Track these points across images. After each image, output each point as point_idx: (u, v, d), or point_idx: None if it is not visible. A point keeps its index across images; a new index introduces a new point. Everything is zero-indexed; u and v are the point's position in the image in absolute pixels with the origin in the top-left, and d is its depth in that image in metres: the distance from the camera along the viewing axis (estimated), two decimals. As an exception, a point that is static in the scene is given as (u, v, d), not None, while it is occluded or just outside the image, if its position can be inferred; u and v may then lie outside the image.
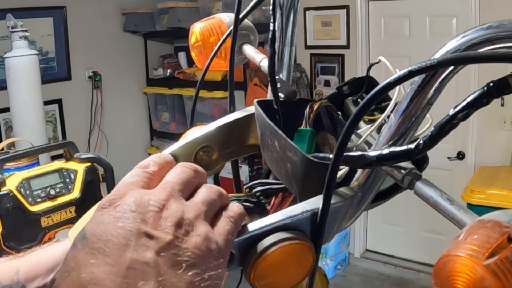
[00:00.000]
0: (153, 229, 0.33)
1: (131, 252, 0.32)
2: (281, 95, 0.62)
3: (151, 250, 0.33)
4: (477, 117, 3.03)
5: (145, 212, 0.34)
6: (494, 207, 2.32)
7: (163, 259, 0.33)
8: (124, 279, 0.31)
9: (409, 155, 0.39)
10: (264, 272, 0.40)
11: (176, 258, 0.33)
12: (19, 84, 2.78)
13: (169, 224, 0.34)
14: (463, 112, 0.37)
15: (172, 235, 0.34)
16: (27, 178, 1.46)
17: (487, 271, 0.29)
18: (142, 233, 0.33)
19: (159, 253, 0.33)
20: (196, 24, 0.78)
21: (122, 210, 0.34)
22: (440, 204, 0.40)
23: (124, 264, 0.32)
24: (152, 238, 0.33)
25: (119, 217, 0.34)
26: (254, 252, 0.40)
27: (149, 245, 0.33)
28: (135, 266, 0.32)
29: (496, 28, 0.38)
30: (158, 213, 0.34)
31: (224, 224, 0.38)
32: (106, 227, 0.33)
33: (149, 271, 0.32)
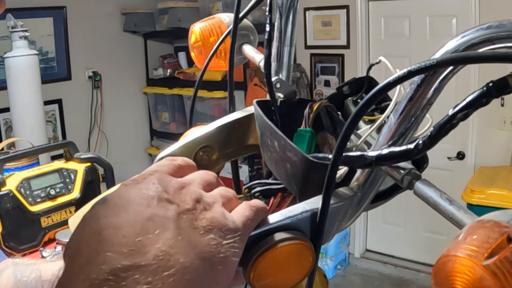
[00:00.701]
0: (173, 198, 0.35)
1: (151, 209, 0.34)
2: (281, 95, 0.62)
3: (171, 211, 0.34)
4: (477, 117, 3.04)
5: (166, 187, 0.36)
6: (494, 207, 2.33)
7: (182, 220, 0.34)
8: (143, 226, 0.33)
9: (408, 155, 0.39)
10: (264, 272, 0.40)
11: (194, 223, 0.34)
12: (19, 84, 2.78)
13: (188, 198, 0.36)
14: (462, 112, 0.37)
15: (191, 206, 0.35)
16: (27, 178, 1.46)
17: (486, 271, 0.29)
18: (164, 198, 0.35)
19: (178, 215, 0.34)
20: (196, 24, 0.78)
21: (145, 183, 0.36)
22: (440, 204, 0.40)
23: (144, 216, 0.33)
24: (172, 203, 0.35)
25: (141, 188, 0.35)
26: (253, 252, 0.40)
27: (170, 208, 0.34)
28: (155, 218, 0.33)
29: (496, 28, 0.38)
30: (178, 190, 0.36)
31: (244, 210, 0.38)
32: (129, 193, 0.35)
33: (169, 224, 0.33)
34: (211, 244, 0.34)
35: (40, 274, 0.53)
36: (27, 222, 1.45)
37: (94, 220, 0.33)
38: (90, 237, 0.33)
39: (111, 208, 0.34)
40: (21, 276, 0.53)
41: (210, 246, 0.34)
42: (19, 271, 0.54)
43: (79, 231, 0.34)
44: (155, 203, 0.34)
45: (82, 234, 0.33)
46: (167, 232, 0.33)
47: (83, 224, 0.34)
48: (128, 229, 0.32)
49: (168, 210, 0.34)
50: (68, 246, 0.34)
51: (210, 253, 0.34)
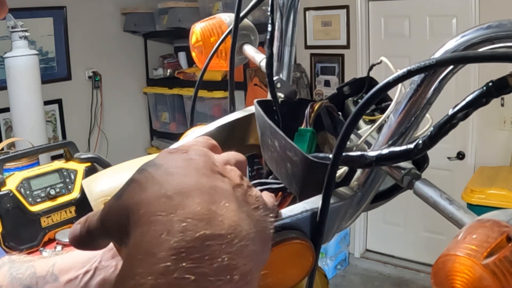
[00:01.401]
0: (223, 171, 0.35)
1: (209, 179, 0.33)
2: (281, 95, 0.62)
3: (227, 183, 0.34)
4: (477, 117, 3.04)
5: (213, 160, 0.36)
6: (494, 207, 2.32)
7: (238, 193, 0.34)
8: (210, 195, 0.32)
9: (408, 155, 0.39)
10: (264, 271, 0.40)
11: (246, 198, 0.35)
12: (19, 84, 2.78)
13: (234, 174, 0.36)
14: (462, 112, 0.37)
15: (239, 181, 0.35)
16: (27, 178, 1.46)
17: (485, 271, 0.29)
18: (216, 171, 0.35)
19: (233, 188, 0.34)
20: (196, 24, 0.78)
21: (191, 154, 0.35)
22: (440, 204, 0.40)
23: (206, 185, 0.33)
24: (225, 176, 0.35)
25: (190, 158, 0.35)
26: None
27: (224, 180, 0.34)
28: (216, 188, 0.33)
29: (495, 28, 0.38)
30: (223, 165, 0.36)
31: (269, 196, 0.40)
32: (179, 161, 0.34)
33: (229, 195, 0.33)
34: (261, 220, 0.35)
35: (35, 270, 0.53)
36: (27, 222, 1.45)
37: (154, 184, 0.32)
38: (161, 201, 0.31)
39: (168, 172, 0.33)
40: (16, 273, 0.53)
41: (261, 221, 0.34)
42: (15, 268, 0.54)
43: (138, 192, 0.32)
44: (210, 174, 0.34)
45: (148, 197, 0.32)
46: (231, 203, 0.33)
47: (139, 186, 0.33)
48: (198, 196, 0.32)
49: (223, 182, 0.34)
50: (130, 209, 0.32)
51: (263, 228, 0.34)
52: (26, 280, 0.52)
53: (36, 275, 0.52)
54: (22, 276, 0.53)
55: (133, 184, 0.33)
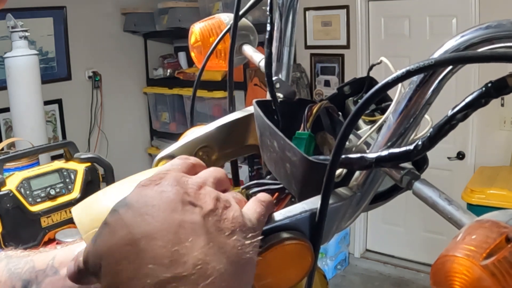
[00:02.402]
0: (195, 200, 0.35)
1: (179, 215, 0.34)
2: (281, 95, 0.62)
3: (197, 215, 0.34)
4: (477, 117, 3.03)
5: (185, 188, 0.36)
6: (494, 207, 2.32)
7: (208, 223, 0.34)
8: (176, 234, 0.33)
9: (408, 156, 0.39)
10: (263, 272, 0.40)
11: (219, 224, 0.35)
12: (19, 84, 2.78)
13: (208, 198, 0.36)
14: (462, 113, 0.37)
15: (213, 205, 0.35)
16: (27, 178, 1.46)
17: (485, 271, 0.29)
18: (187, 201, 0.35)
19: (204, 218, 0.34)
20: (195, 24, 0.78)
21: (164, 185, 0.36)
22: (439, 204, 0.40)
23: (174, 223, 0.33)
24: (196, 206, 0.35)
25: (162, 190, 0.35)
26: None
27: (194, 211, 0.34)
28: (184, 225, 0.33)
29: (495, 28, 0.38)
30: (197, 190, 0.36)
31: (256, 207, 0.39)
32: (150, 197, 0.35)
33: (198, 229, 0.33)
34: (237, 246, 0.34)
35: (34, 264, 0.53)
36: (27, 222, 1.45)
37: (123, 228, 0.33)
38: (126, 248, 0.32)
39: (137, 214, 0.34)
40: (14, 269, 0.53)
41: (236, 248, 0.34)
42: (13, 263, 0.54)
43: (108, 239, 0.34)
44: (180, 208, 0.34)
45: (115, 244, 0.33)
46: (199, 239, 0.33)
47: (110, 231, 0.34)
48: (163, 239, 0.32)
49: (194, 214, 0.34)
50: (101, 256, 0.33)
51: (238, 255, 0.34)
52: (25, 274, 0.52)
53: (35, 269, 0.52)
54: (21, 271, 0.53)
55: (105, 228, 0.34)
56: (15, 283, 0.52)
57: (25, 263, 0.54)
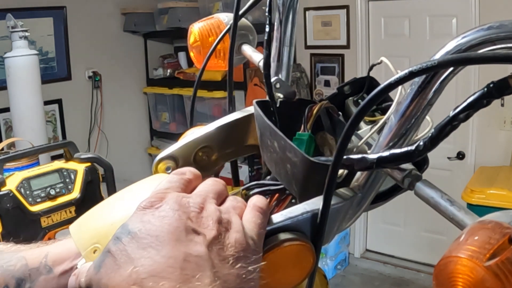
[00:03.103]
0: (198, 226, 0.35)
1: (183, 247, 0.33)
2: (281, 96, 0.62)
3: (201, 245, 0.34)
4: (477, 117, 3.03)
5: (187, 212, 0.35)
6: (494, 207, 2.33)
7: (213, 254, 0.34)
8: (183, 270, 0.32)
9: (409, 157, 0.39)
10: (264, 273, 0.40)
11: (223, 253, 0.34)
12: (19, 84, 2.78)
13: (211, 222, 0.35)
14: (463, 113, 0.37)
15: (216, 231, 0.35)
16: (27, 178, 1.46)
17: (488, 272, 0.29)
18: (190, 229, 0.34)
19: (208, 247, 0.34)
20: (194, 24, 0.78)
21: (165, 210, 0.35)
22: (441, 205, 0.40)
23: (179, 257, 0.33)
24: (200, 234, 0.34)
25: (164, 216, 0.35)
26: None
27: (198, 241, 0.34)
28: (189, 259, 0.33)
29: (496, 29, 0.38)
30: (199, 213, 0.36)
31: (255, 218, 0.39)
32: (153, 225, 0.34)
33: (203, 263, 0.33)
34: (241, 275, 0.34)
35: (27, 262, 0.52)
36: (27, 222, 1.45)
37: (127, 262, 0.33)
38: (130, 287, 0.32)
39: (140, 246, 0.33)
40: (7, 265, 0.52)
41: (241, 277, 0.34)
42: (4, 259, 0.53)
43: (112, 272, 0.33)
44: (184, 237, 0.34)
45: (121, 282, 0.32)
46: (205, 275, 0.32)
47: (114, 262, 0.33)
48: (169, 277, 0.32)
49: (198, 244, 0.34)
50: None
51: (244, 284, 0.34)
52: (18, 272, 0.52)
53: (28, 267, 0.51)
54: (13, 268, 0.52)
55: (109, 257, 0.34)
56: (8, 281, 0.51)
57: (17, 260, 0.53)
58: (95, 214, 0.45)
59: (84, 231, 0.43)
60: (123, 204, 0.35)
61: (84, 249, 0.42)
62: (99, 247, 0.41)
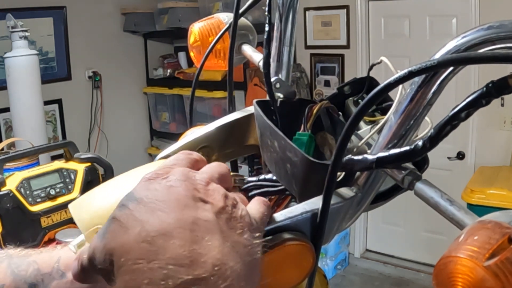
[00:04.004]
0: (205, 196, 0.35)
1: (191, 212, 0.33)
2: (281, 95, 0.62)
3: (209, 211, 0.33)
4: (477, 117, 3.03)
5: (194, 184, 0.35)
6: (494, 207, 2.33)
7: (221, 221, 0.34)
8: (192, 232, 0.32)
9: (409, 157, 0.39)
10: (264, 272, 0.40)
11: (230, 223, 0.34)
12: (19, 84, 2.78)
13: (217, 195, 0.35)
14: (462, 113, 0.37)
15: (223, 203, 0.35)
16: (27, 178, 1.46)
17: (487, 272, 0.29)
18: (197, 197, 0.34)
19: (216, 215, 0.34)
20: (195, 24, 0.78)
21: (172, 180, 0.35)
22: (441, 205, 0.40)
23: (188, 220, 0.32)
24: (207, 203, 0.34)
25: (171, 185, 0.34)
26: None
27: (206, 208, 0.34)
28: (198, 222, 0.32)
29: (496, 29, 0.38)
30: (206, 186, 0.35)
31: (259, 207, 0.38)
32: (160, 191, 0.34)
33: (212, 227, 0.33)
34: (248, 245, 0.34)
35: (39, 267, 0.52)
36: (27, 222, 1.45)
37: (135, 223, 0.32)
38: (143, 246, 0.31)
39: (148, 209, 0.33)
40: (18, 270, 0.52)
41: (248, 247, 0.34)
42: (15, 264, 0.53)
43: (120, 234, 0.32)
44: (191, 204, 0.33)
45: (130, 241, 0.32)
46: (214, 237, 0.32)
47: (121, 226, 0.33)
48: (180, 237, 0.31)
49: (206, 211, 0.33)
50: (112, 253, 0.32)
51: (250, 255, 0.34)
52: (30, 277, 0.51)
53: (41, 272, 0.51)
54: (25, 274, 0.52)
55: (115, 223, 0.33)
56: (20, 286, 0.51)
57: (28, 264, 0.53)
58: (96, 194, 0.45)
59: (85, 210, 0.43)
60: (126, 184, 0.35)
61: (86, 229, 0.41)
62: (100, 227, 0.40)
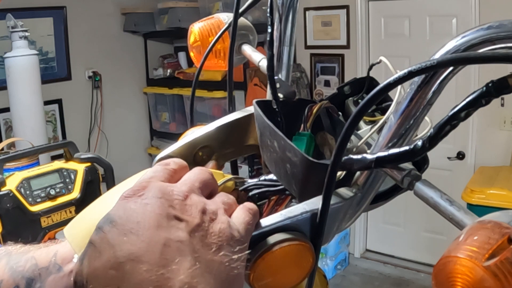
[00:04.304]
0: (181, 213, 0.34)
1: (164, 232, 0.33)
2: (281, 96, 0.62)
3: (183, 231, 0.33)
4: (477, 117, 3.03)
5: (171, 200, 0.35)
6: (494, 207, 2.33)
7: (195, 239, 0.33)
8: (162, 255, 0.32)
9: (409, 157, 0.39)
10: (264, 272, 0.40)
11: (206, 240, 0.34)
12: (19, 84, 2.78)
13: (195, 211, 0.35)
14: (462, 113, 0.37)
15: (199, 219, 0.35)
16: (27, 178, 1.46)
17: (487, 272, 0.29)
18: (172, 216, 0.34)
19: (190, 234, 0.34)
20: (195, 24, 0.78)
21: (148, 197, 0.35)
22: (440, 205, 0.40)
23: (159, 242, 0.32)
24: (182, 221, 0.34)
25: (146, 203, 0.34)
26: (253, 253, 0.40)
27: (180, 227, 0.34)
28: (170, 244, 0.33)
29: (496, 28, 0.38)
30: (183, 201, 0.35)
31: (244, 216, 0.38)
32: (135, 211, 0.34)
33: (184, 248, 0.33)
34: (225, 262, 0.34)
35: (36, 262, 0.52)
36: (27, 222, 1.45)
37: (107, 248, 0.33)
38: (111, 273, 0.32)
39: (121, 232, 0.33)
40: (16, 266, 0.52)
41: (224, 265, 0.34)
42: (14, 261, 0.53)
43: (93, 260, 0.33)
44: (165, 223, 0.33)
45: (100, 267, 0.32)
46: (185, 260, 0.32)
47: (95, 251, 0.33)
48: (148, 261, 0.31)
49: (179, 230, 0.33)
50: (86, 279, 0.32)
51: (226, 272, 0.34)
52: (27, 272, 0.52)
53: (38, 267, 0.51)
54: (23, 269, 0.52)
55: (90, 247, 0.34)
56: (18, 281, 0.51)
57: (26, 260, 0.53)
58: (87, 213, 0.45)
59: (77, 231, 0.43)
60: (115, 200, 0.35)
61: (80, 250, 0.41)
62: None
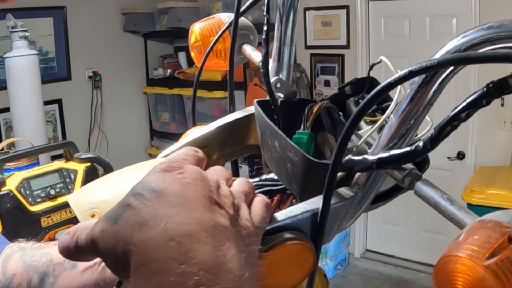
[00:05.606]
0: (219, 200, 0.34)
1: (211, 215, 0.32)
2: (281, 95, 0.62)
3: (225, 217, 0.33)
4: (477, 117, 3.03)
5: (209, 185, 0.35)
6: (494, 207, 2.32)
7: (233, 229, 0.33)
8: (214, 237, 0.31)
9: (410, 158, 0.39)
10: (264, 272, 0.40)
11: (240, 230, 0.34)
12: (19, 84, 2.78)
13: (227, 201, 0.35)
14: (463, 113, 0.37)
15: (233, 212, 0.35)
16: (27, 178, 1.46)
17: (487, 272, 0.29)
18: (213, 200, 0.34)
19: (230, 222, 0.33)
20: (195, 24, 0.78)
21: (189, 177, 0.34)
22: (441, 205, 0.40)
23: (210, 223, 0.32)
24: (222, 208, 0.34)
25: (188, 182, 0.33)
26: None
27: (222, 213, 0.33)
28: (217, 227, 0.32)
29: (496, 28, 0.38)
30: (217, 190, 0.35)
31: (262, 211, 0.38)
32: (178, 187, 0.33)
33: (229, 235, 0.32)
34: (253, 250, 0.34)
35: (51, 258, 0.52)
36: (27, 222, 1.45)
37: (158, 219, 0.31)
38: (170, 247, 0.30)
39: (169, 204, 0.31)
40: (30, 261, 0.52)
41: (252, 252, 0.34)
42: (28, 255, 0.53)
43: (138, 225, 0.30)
44: (210, 206, 0.33)
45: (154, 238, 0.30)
46: (231, 246, 0.32)
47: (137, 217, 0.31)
48: (205, 241, 0.30)
49: (222, 216, 0.33)
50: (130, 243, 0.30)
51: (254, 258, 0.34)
52: (42, 267, 0.51)
53: (53, 262, 0.51)
54: (37, 264, 0.52)
55: (130, 210, 0.31)
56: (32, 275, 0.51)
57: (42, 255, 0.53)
58: (94, 186, 0.45)
59: (83, 199, 0.42)
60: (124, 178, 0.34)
61: (82, 212, 0.40)
62: (97, 212, 0.40)
